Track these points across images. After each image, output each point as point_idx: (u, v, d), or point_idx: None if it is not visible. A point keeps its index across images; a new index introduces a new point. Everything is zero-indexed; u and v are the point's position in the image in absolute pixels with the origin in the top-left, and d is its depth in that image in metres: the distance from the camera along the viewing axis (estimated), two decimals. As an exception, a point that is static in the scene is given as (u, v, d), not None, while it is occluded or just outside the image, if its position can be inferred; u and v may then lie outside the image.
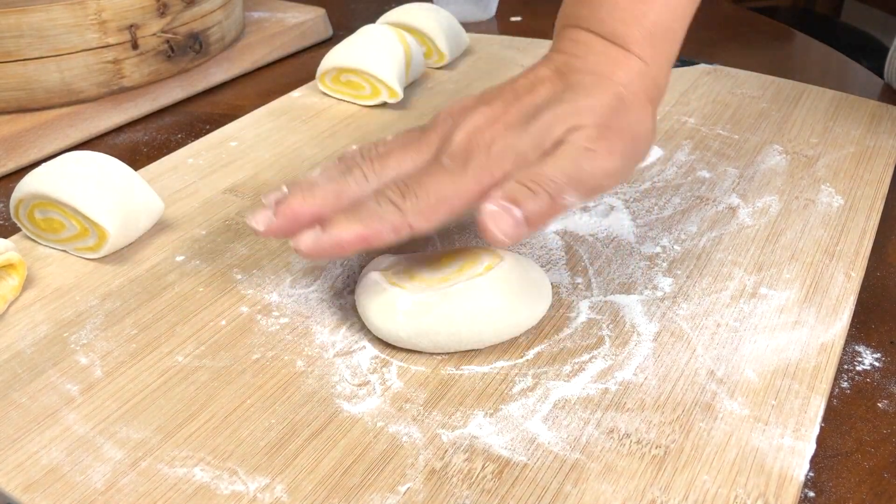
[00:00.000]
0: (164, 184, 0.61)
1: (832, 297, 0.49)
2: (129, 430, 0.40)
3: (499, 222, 0.41)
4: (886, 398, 0.44)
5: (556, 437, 0.40)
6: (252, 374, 0.44)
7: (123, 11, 0.68)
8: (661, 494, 0.37)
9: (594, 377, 0.43)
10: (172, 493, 0.37)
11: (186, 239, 0.55)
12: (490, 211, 0.41)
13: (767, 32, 0.98)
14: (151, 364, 0.44)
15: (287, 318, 0.48)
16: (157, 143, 0.70)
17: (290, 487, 0.38)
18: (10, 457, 0.39)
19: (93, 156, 0.53)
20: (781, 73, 0.78)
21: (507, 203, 0.41)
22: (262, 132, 0.68)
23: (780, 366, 0.44)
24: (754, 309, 0.48)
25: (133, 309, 0.48)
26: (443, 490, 0.37)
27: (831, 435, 0.42)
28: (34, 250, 0.53)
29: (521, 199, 0.41)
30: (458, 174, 0.43)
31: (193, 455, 0.39)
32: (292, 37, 0.87)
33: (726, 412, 0.41)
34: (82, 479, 0.38)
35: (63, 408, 0.42)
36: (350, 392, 0.43)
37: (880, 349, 0.47)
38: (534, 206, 0.41)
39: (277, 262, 0.52)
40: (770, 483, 0.38)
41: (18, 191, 0.52)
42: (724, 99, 0.74)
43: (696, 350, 0.45)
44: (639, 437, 0.40)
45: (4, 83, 0.66)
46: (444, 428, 0.41)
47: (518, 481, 0.38)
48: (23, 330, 0.47)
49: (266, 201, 0.45)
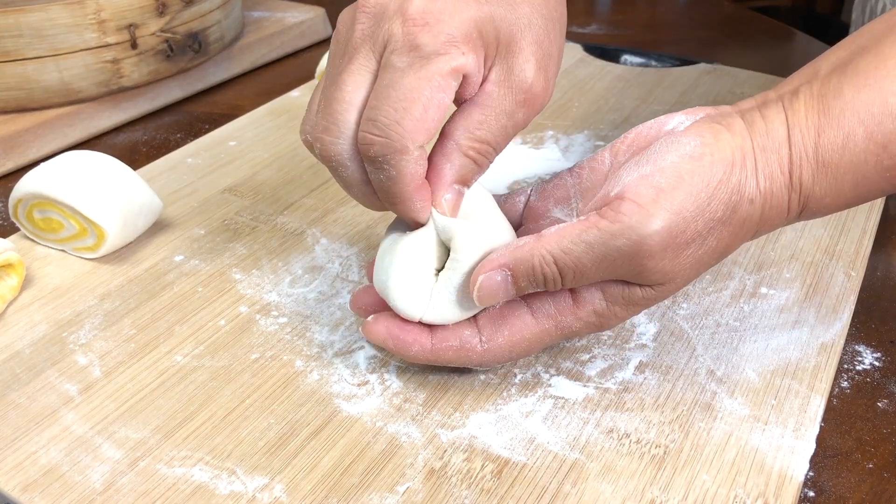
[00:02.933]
0: (163, 183, 0.61)
1: (832, 297, 0.49)
2: (128, 430, 0.40)
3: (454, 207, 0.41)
4: (886, 398, 0.44)
5: (555, 436, 0.40)
6: (251, 374, 0.44)
7: (122, 11, 0.68)
8: (660, 494, 0.37)
9: (594, 377, 0.43)
10: (171, 493, 0.37)
11: (185, 239, 0.55)
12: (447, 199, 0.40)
13: (767, 32, 0.98)
14: (150, 364, 0.44)
15: (286, 318, 0.48)
16: (156, 142, 0.70)
17: (289, 487, 0.38)
18: (9, 457, 0.39)
19: (92, 155, 0.53)
20: (781, 73, 0.78)
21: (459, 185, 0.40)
22: (261, 132, 0.68)
23: (779, 365, 0.44)
24: (754, 308, 0.48)
25: (132, 309, 0.48)
26: (442, 490, 0.37)
27: (831, 434, 0.42)
28: (33, 250, 0.53)
29: (470, 178, 0.41)
30: (419, 66, 0.37)
31: (192, 455, 0.39)
32: (291, 36, 0.87)
33: (726, 412, 0.41)
34: (81, 479, 0.38)
35: (62, 408, 0.42)
36: (349, 392, 0.43)
37: (880, 349, 0.47)
38: (476, 177, 0.41)
39: (276, 262, 0.52)
40: (770, 483, 0.38)
41: (17, 190, 0.52)
42: (724, 98, 0.73)
43: (696, 350, 0.45)
44: (638, 436, 0.40)
45: (3, 83, 0.66)
46: (443, 428, 0.41)
47: (517, 481, 0.38)
48: (21, 330, 0.47)
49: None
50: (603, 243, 0.37)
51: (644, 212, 0.36)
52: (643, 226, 0.36)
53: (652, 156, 0.38)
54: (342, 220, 0.57)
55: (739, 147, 0.38)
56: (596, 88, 0.75)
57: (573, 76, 0.77)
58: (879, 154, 0.37)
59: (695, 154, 0.37)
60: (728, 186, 0.37)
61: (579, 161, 0.44)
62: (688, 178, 0.37)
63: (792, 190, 0.38)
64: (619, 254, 0.37)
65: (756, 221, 0.38)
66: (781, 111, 0.38)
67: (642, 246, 0.36)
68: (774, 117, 0.38)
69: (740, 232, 0.38)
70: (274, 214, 0.57)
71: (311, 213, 0.57)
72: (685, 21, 1.05)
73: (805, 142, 0.37)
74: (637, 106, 0.72)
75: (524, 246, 0.38)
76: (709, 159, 0.37)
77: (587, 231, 0.37)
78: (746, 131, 0.38)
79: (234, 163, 0.64)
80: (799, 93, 0.38)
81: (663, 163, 0.37)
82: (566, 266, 0.38)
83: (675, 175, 0.37)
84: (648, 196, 0.36)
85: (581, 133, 0.68)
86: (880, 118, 0.36)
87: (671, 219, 0.36)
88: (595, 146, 0.66)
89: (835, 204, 0.39)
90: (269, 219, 0.57)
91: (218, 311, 0.48)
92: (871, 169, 0.37)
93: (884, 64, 0.37)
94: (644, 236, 0.36)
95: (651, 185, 0.37)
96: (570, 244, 0.37)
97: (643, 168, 0.38)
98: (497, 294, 0.39)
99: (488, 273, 0.39)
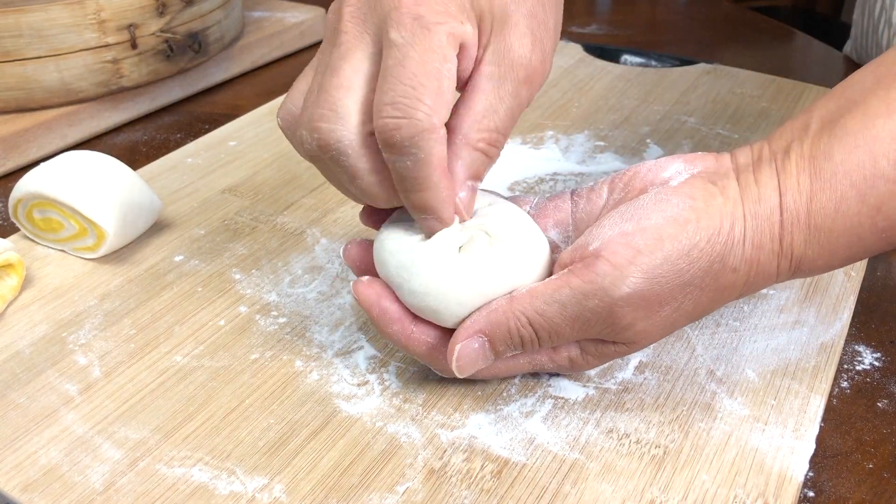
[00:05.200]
0: (163, 183, 0.61)
1: (832, 297, 0.49)
2: (128, 430, 0.40)
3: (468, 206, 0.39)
4: (886, 398, 0.44)
5: (555, 436, 0.40)
6: (251, 374, 0.44)
7: (122, 11, 0.68)
8: (660, 494, 0.37)
9: (594, 377, 0.43)
10: (171, 493, 0.37)
11: (185, 239, 0.55)
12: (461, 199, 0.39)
13: (767, 32, 0.98)
14: (150, 364, 0.44)
15: (286, 318, 0.48)
16: (156, 142, 0.70)
17: (288, 487, 0.38)
18: (9, 457, 0.39)
19: (92, 155, 0.53)
20: (781, 73, 0.78)
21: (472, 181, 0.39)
22: (261, 132, 0.68)
23: (779, 365, 0.44)
24: (754, 308, 0.48)
25: (132, 309, 0.48)
26: (441, 490, 0.37)
27: (831, 435, 0.42)
28: (33, 250, 0.53)
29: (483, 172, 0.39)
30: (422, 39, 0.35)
31: (192, 455, 0.39)
32: (291, 36, 0.87)
33: (726, 412, 0.41)
34: (81, 479, 0.38)
35: (61, 408, 0.42)
36: (349, 392, 0.43)
37: (880, 349, 0.47)
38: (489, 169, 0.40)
39: (276, 262, 0.52)
40: (769, 483, 0.38)
41: (17, 190, 0.52)
42: (724, 98, 0.73)
43: (696, 350, 0.45)
44: (638, 436, 0.40)
45: (3, 83, 0.66)
46: (442, 428, 0.41)
47: (517, 481, 0.38)
48: (21, 330, 0.47)
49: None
50: (576, 303, 0.36)
51: (617, 273, 0.36)
52: (615, 287, 0.36)
53: (637, 212, 0.37)
54: (342, 220, 0.57)
55: (730, 213, 0.37)
56: (596, 88, 0.75)
57: (573, 76, 0.77)
58: (874, 216, 0.36)
59: (680, 218, 0.36)
60: (709, 255, 0.36)
61: (580, 188, 0.43)
62: (668, 242, 0.36)
63: (782, 256, 0.37)
64: (593, 314, 0.36)
65: (739, 287, 0.38)
66: (774, 175, 0.37)
67: (614, 307, 0.36)
68: (767, 182, 0.37)
69: (720, 297, 0.38)
70: (274, 214, 0.57)
71: (311, 213, 0.57)
72: (685, 21, 1.05)
73: (797, 207, 0.37)
74: (637, 106, 0.72)
75: (497, 309, 0.38)
76: (693, 227, 0.36)
77: (559, 291, 0.37)
78: (739, 196, 0.37)
79: (234, 163, 0.64)
80: (790, 152, 0.38)
81: (647, 222, 0.36)
82: (541, 327, 0.37)
83: (656, 237, 0.36)
84: (624, 257, 0.36)
85: (581, 133, 0.68)
86: (872, 181, 0.36)
87: (643, 283, 0.36)
88: (595, 146, 0.66)
89: (828, 265, 0.38)
90: (268, 219, 0.57)
91: (218, 311, 0.48)
92: (867, 231, 0.37)
93: (872, 123, 0.36)
94: (616, 298, 0.36)
95: (629, 245, 0.36)
96: (544, 304, 0.37)
97: (625, 224, 0.37)
98: (476, 361, 0.39)
99: (465, 342, 0.38)
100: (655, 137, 0.67)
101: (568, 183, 0.61)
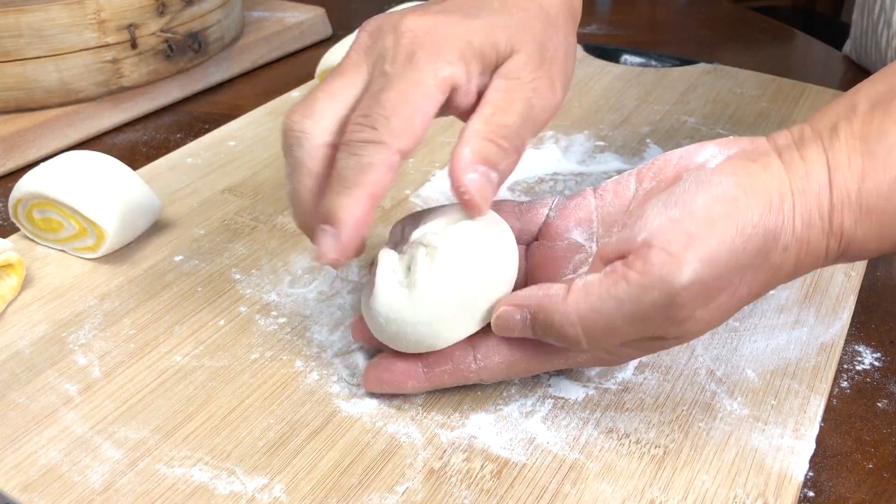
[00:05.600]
0: (163, 183, 0.61)
1: (832, 297, 0.49)
2: (128, 430, 0.40)
3: (481, 190, 0.38)
4: (886, 398, 0.44)
5: (555, 436, 0.40)
6: (250, 374, 0.44)
7: (122, 11, 0.68)
8: (660, 494, 0.37)
9: (594, 377, 0.43)
10: (171, 493, 0.37)
11: (185, 239, 0.55)
12: (471, 179, 0.38)
13: (767, 32, 0.98)
14: (150, 364, 0.44)
15: (286, 318, 0.48)
16: (155, 142, 0.70)
17: (288, 487, 0.38)
18: (9, 457, 0.39)
19: (91, 155, 0.53)
20: (781, 73, 0.78)
21: (484, 166, 0.38)
22: (261, 132, 0.68)
23: (779, 365, 0.44)
24: (754, 308, 0.48)
25: (131, 309, 0.48)
26: (441, 490, 0.37)
27: (831, 435, 0.42)
28: (33, 250, 0.53)
29: (496, 160, 0.38)
30: (408, 74, 0.38)
31: (192, 455, 0.39)
32: (291, 36, 0.87)
33: (726, 412, 0.41)
34: (81, 479, 0.38)
35: (61, 408, 0.42)
36: (349, 392, 0.43)
37: (880, 349, 0.47)
38: (506, 165, 0.39)
39: (276, 262, 0.52)
40: (769, 483, 0.38)
41: (17, 190, 0.52)
42: (724, 98, 0.73)
43: (696, 350, 0.45)
44: (638, 436, 0.40)
45: (3, 83, 0.66)
46: (442, 428, 0.41)
47: (517, 481, 0.38)
48: (21, 330, 0.47)
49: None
50: (635, 298, 0.34)
51: (674, 261, 0.33)
52: (675, 276, 0.33)
53: (681, 196, 0.35)
54: (342, 220, 0.56)
55: (777, 190, 0.35)
56: (596, 88, 0.75)
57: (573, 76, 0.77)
58: None
59: (727, 196, 0.34)
60: (763, 230, 0.34)
61: (604, 182, 0.42)
62: (720, 222, 0.34)
63: (832, 236, 0.35)
64: (653, 308, 0.34)
65: (789, 269, 0.36)
66: (822, 152, 0.36)
67: (675, 298, 0.34)
68: (815, 158, 0.35)
69: (772, 279, 0.36)
70: (274, 214, 0.57)
71: (311, 213, 0.57)
72: (685, 21, 1.05)
73: (848, 186, 0.35)
74: (637, 106, 0.72)
75: (553, 296, 0.36)
76: (743, 201, 0.34)
77: (616, 285, 0.34)
78: (785, 172, 0.35)
79: (234, 163, 0.64)
80: (838, 131, 0.36)
81: (693, 205, 0.34)
82: (595, 326, 0.35)
83: (707, 219, 0.34)
84: (679, 243, 0.34)
85: (581, 133, 0.68)
86: None
87: (702, 267, 0.34)
88: (595, 146, 0.66)
89: (878, 249, 0.37)
90: (268, 219, 0.57)
91: (217, 311, 0.48)
92: None
93: None
94: (678, 288, 0.33)
95: (681, 231, 0.34)
96: (599, 301, 0.35)
97: (671, 210, 0.35)
98: (513, 330, 0.38)
99: (509, 308, 0.38)
100: (655, 137, 0.67)
101: (568, 183, 0.61)
